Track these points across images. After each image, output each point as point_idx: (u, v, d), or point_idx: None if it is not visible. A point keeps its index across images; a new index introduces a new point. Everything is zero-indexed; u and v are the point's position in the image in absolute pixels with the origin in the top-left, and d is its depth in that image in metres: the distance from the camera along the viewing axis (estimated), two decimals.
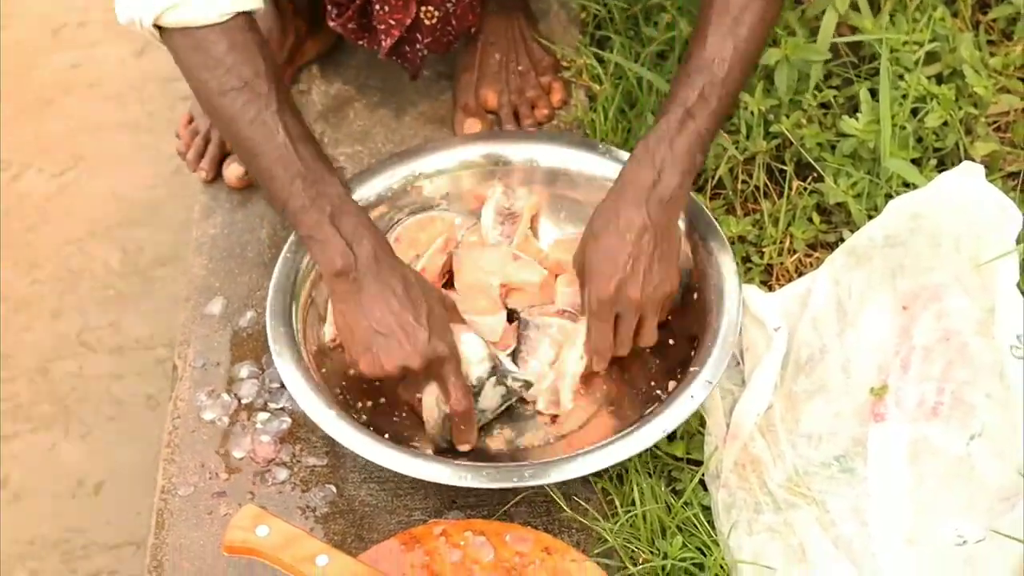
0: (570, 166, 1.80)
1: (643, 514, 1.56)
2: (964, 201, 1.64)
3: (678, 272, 1.65)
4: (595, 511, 1.58)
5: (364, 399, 1.68)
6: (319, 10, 1.88)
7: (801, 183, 1.85)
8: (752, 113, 1.84)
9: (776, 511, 1.57)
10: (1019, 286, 1.59)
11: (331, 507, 1.62)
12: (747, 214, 1.87)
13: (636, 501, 1.57)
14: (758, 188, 1.86)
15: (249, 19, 1.61)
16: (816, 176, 1.84)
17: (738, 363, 1.68)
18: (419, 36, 1.85)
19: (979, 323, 1.60)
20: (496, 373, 1.62)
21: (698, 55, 1.61)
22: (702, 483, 1.61)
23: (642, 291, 1.60)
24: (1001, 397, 1.56)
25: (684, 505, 1.58)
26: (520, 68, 1.98)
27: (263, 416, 1.69)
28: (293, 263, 1.71)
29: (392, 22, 1.80)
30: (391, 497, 1.62)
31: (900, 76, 1.84)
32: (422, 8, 1.82)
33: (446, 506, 1.61)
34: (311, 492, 1.63)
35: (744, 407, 1.62)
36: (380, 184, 1.79)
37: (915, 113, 1.83)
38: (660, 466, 1.63)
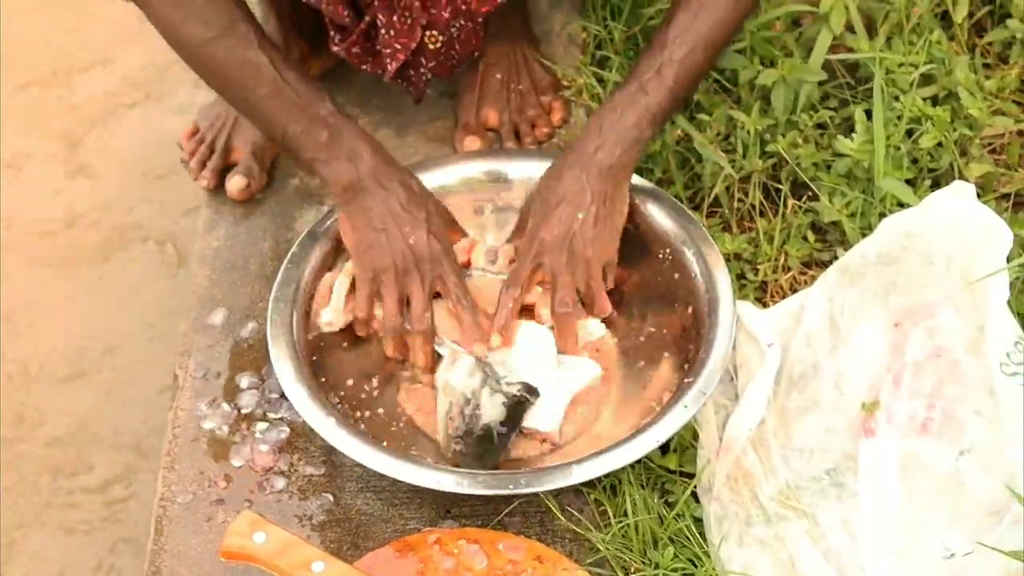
0: None
1: (635, 525, 1.58)
2: (956, 220, 1.65)
3: (615, 241, 1.72)
4: (588, 521, 1.60)
5: (362, 409, 1.71)
6: (322, 32, 1.92)
7: (796, 202, 1.87)
8: (748, 132, 1.87)
9: (767, 524, 1.59)
10: (1009, 304, 1.61)
11: (328, 515, 1.64)
12: (743, 232, 1.89)
13: (629, 512, 1.59)
14: (754, 206, 1.89)
15: None
16: (811, 195, 1.87)
17: (732, 378, 1.70)
18: (423, 60, 1.88)
19: (970, 340, 1.62)
20: (487, 382, 1.65)
21: (661, 34, 1.69)
22: (694, 495, 1.63)
23: (570, 244, 1.67)
24: (990, 414, 1.57)
25: (676, 517, 1.60)
26: (521, 88, 2.01)
27: (262, 426, 1.72)
28: (294, 275, 1.74)
29: (398, 46, 1.84)
30: (387, 506, 1.65)
31: (896, 97, 1.86)
32: (427, 33, 1.85)
33: (441, 515, 1.63)
34: (308, 500, 1.66)
35: (737, 421, 1.64)
36: None
37: (910, 134, 1.85)
38: (653, 478, 1.65)
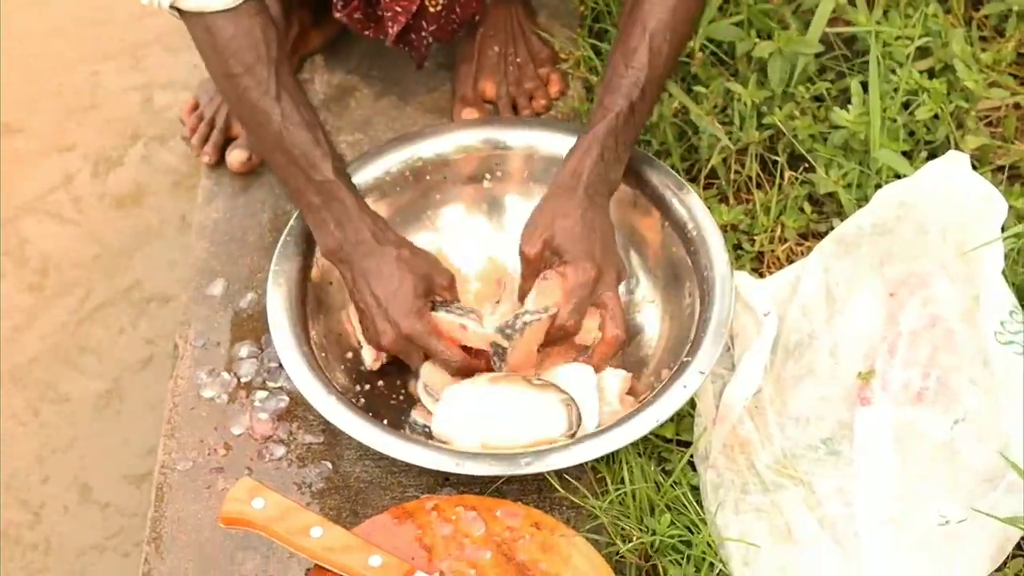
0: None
1: (633, 493, 1.61)
2: (950, 190, 1.67)
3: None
4: (586, 489, 1.62)
5: (362, 383, 1.74)
6: (323, 2, 1.94)
7: (793, 173, 1.89)
8: (745, 104, 1.88)
9: (763, 492, 1.61)
10: (1004, 274, 1.63)
11: (327, 483, 1.67)
12: (740, 203, 1.91)
13: (626, 480, 1.61)
14: (751, 178, 1.91)
15: (259, 4, 1.69)
16: (808, 167, 1.89)
17: (728, 348, 1.72)
18: (424, 24, 1.90)
19: (964, 310, 1.64)
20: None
21: (639, 49, 1.70)
22: (691, 464, 1.65)
23: (615, 270, 1.70)
24: (985, 383, 1.60)
25: (673, 485, 1.62)
26: (518, 60, 2.03)
27: (261, 394, 1.74)
28: (293, 247, 1.76)
29: (398, 9, 1.86)
30: (385, 474, 1.67)
31: (892, 70, 1.88)
32: None
33: (439, 483, 1.65)
34: (307, 468, 1.68)
35: (733, 390, 1.66)
36: (379, 168, 1.85)
37: (907, 106, 1.87)
38: (650, 447, 1.67)
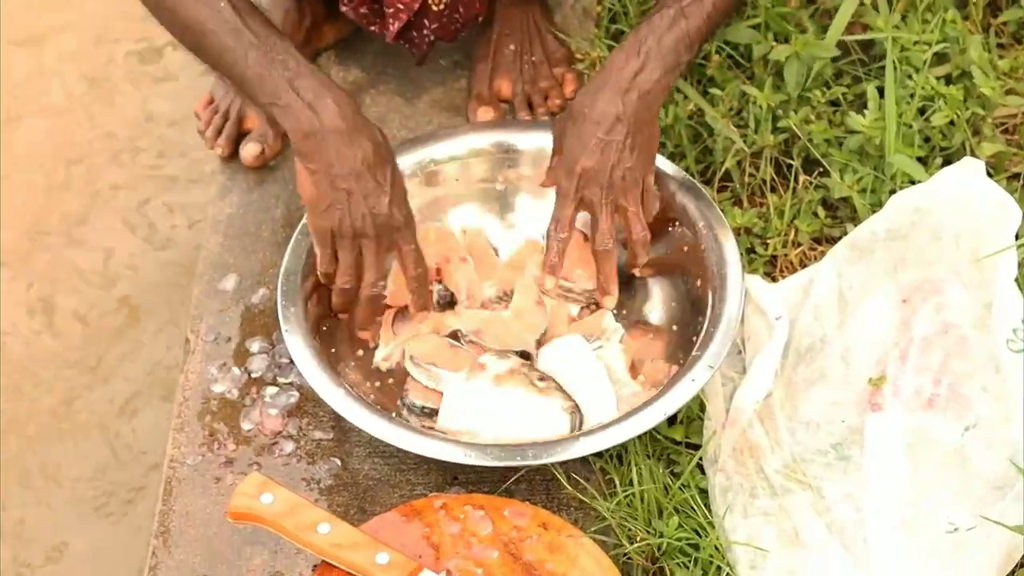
0: None
1: (641, 494, 1.62)
2: (965, 196, 1.69)
3: (652, 167, 1.73)
4: (594, 490, 1.64)
5: (372, 380, 1.75)
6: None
7: (807, 178, 1.91)
8: (761, 108, 1.90)
9: (772, 496, 1.62)
10: (1017, 281, 1.64)
11: (335, 480, 1.69)
12: (753, 207, 1.93)
13: (634, 481, 1.63)
14: (765, 182, 1.92)
15: None
16: (822, 171, 1.90)
17: (739, 351, 1.74)
18: (426, 22, 1.92)
19: (977, 317, 1.65)
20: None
21: None
22: (700, 467, 1.67)
23: (610, 175, 1.68)
24: (996, 390, 1.61)
25: (681, 487, 1.64)
26: (534, 59, 2.05)
27: (272, 390, 1.76)
28: (306, 243, 1.77)
29: (400, 6, 1.88)
30: (394, 471, 1.69)
31: (909, 75, 1.89)
32: None
33: (448, 482, 1.67)
34: (316, 465, 1.70)
35: (744, 394, 1.68)
36: None
37: (923, 112, 1.89)
38: (659, 449, 1.69)
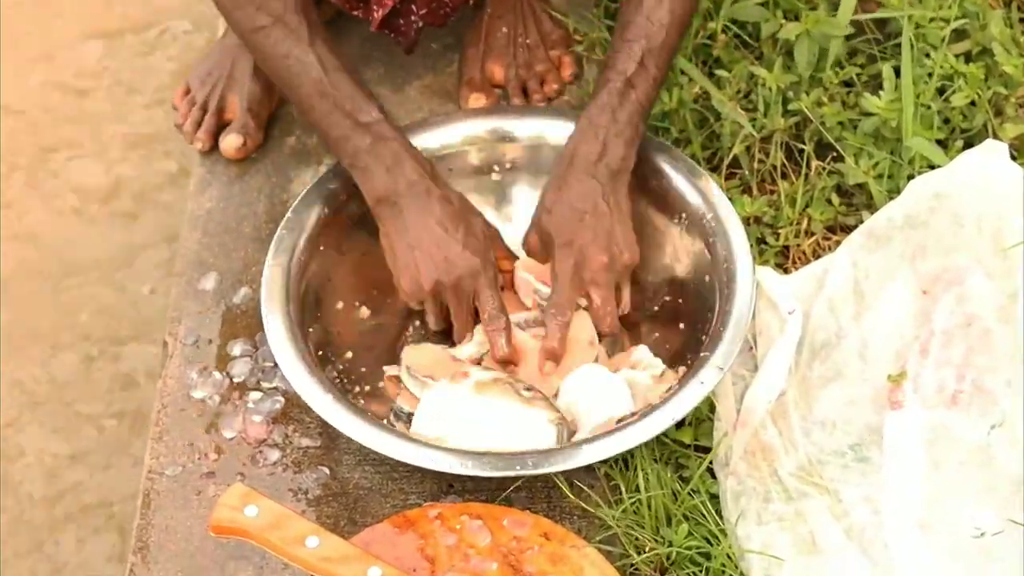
0: None
1: (648, 501, 1.58)
2: (987, 180, 1.66)
3: (636, 240, 1.72)
4: (598, 497, 1.60)
5: (362, 384, 1.72)
6: None
7: (820, 163, 1.87)
8: (770, 90, 1.86)
9: (787, 500, 1.59)
10: None
11: (324, 490, 1.65)
12: (763, 194, 1.89)
13: (641, 487, 1.59)
14: (775, 168, 1.89)
15: None
16: (836, 156, 1.86)
17: (751, 347, 1.70)
18: (414, 8, 1.88)
19: (1001, 308, 1.63)
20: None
21: (635, 21, 1.71)
22: (710, 471, 1.63)
23: (609, 254, 1.68)
24: (1022, 385, 1.58)
25: (691, 493, 1.60)
26: (528, 41, 2.01)
27: (255, 395, 1.72)
28: (290, 239, 1.74)
29: None
30: (386, 480, 1.65)
31: (927, 54, 1.86)
32: None
33: (443, 490, 1.63)
34: (303, 474, 1.66)
35: (756, 393, 1.64)
36: None
37: (941, 92, 1.85)
38: (667, 452, 1.65)
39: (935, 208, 1.68)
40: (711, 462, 1.63)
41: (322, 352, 1.70)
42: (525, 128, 1.86)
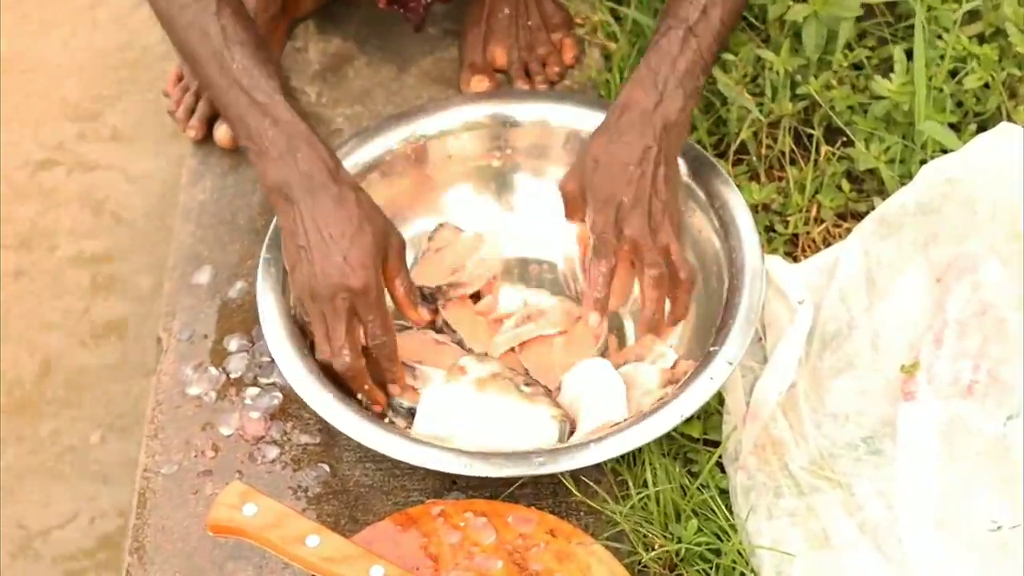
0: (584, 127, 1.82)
1: (656, 496, 1.59)
2: (1002, 165, 1.66)
3: (680, 199, 1.67)
4: (605, 493, 1.60)
5: None
6: None
7: (830, 148, 1.87)
8: (778, 73, 1.85)
9: (798, 495, 1.59)
10: None
11: (324, 487, 1.65)
12: (772, 181, 1.89)
13: (649, 483, 1.59)
14: (783, 153, 1.88)
15: None
16: (846, 141, 1.86)
17: (760, 338, 1.70)
18: None
19: (1017, 296, 1.62)
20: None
21: None
22: (719, 465, 1.63)
23: (651, 216, 1.62)
24: None
25: (700, 488, 1.60)
26: (530, 23, 2.01)
27: (253, 391, 1.72)
28: None
29: None
30: (388, 477, 1.65)
31: (939, 35, 1.85)
32: None
33: (446, 487, 1.63)
34: (303, 472, 1.66)
35: (766, 385, 1.64)
36: (379, 146, 1.82)
37: (954, 75, 1.85)
38: (676, 447, 1.65)
39: (948, 194, 1.67)
40: (720, 456, 1.63)
41: None
42: (527, 113, 1.85)
